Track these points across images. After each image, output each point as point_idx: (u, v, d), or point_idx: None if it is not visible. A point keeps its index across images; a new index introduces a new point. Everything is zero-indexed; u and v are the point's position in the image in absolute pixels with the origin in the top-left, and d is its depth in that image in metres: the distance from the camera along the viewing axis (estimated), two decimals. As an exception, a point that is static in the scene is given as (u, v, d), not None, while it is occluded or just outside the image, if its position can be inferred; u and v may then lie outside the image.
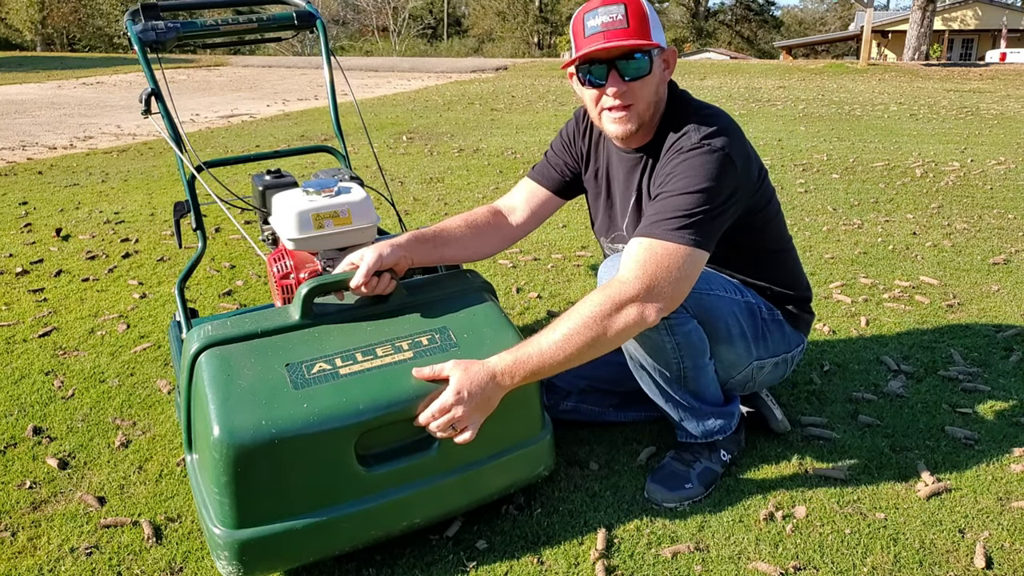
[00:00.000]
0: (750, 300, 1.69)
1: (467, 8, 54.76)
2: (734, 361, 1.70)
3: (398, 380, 1.41)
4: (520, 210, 1.83)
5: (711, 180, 1.46)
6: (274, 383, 1.36)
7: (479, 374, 1.38)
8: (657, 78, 1.55)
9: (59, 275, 3.21)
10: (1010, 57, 24.37)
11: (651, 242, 1.44)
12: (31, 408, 2.12)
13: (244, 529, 1.32)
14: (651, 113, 1.58)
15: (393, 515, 1.43)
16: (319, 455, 1.34)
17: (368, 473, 1.39)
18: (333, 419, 1.34)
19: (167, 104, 1.90)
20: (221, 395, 1.33)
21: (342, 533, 1.39)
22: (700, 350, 1.61)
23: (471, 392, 1.37)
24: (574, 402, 1.93)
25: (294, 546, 1.35)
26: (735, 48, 46.35)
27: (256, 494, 1.32)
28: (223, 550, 1.33)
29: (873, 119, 7.78)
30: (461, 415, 1.37)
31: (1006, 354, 2.35)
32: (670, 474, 1.70)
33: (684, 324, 1.56)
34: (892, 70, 14.94)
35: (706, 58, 28.50)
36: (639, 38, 1.48)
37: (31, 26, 37.24)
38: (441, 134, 7.02)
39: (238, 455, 1.28)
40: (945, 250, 3.38)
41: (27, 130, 7.48)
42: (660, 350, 1.58)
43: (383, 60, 20.80)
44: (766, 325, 1.71)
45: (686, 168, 1.49)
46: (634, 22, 1.48)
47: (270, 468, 1.31)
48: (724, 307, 1.63)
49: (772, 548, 1.52)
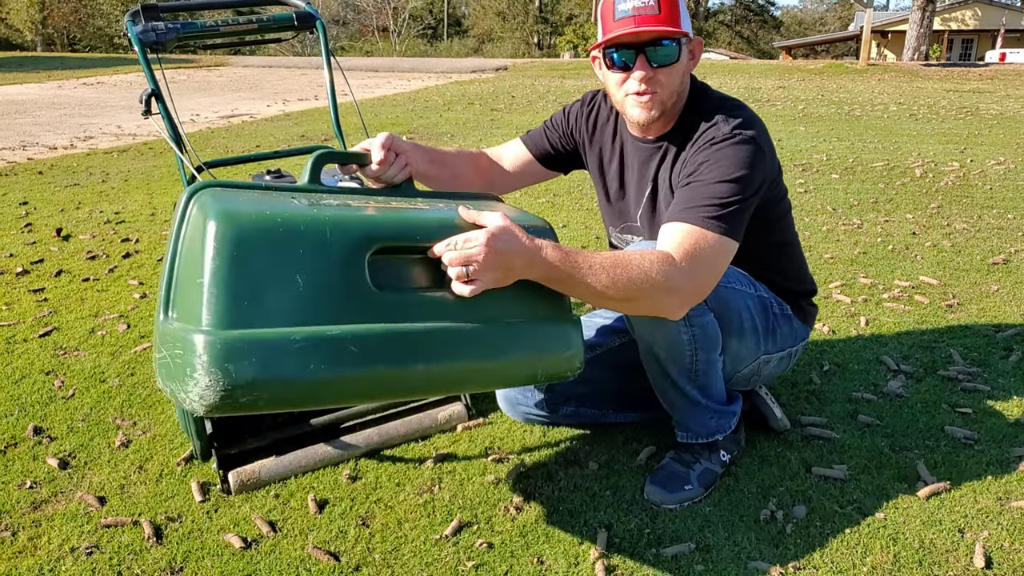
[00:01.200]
0: (762, 294, 1.69)
1: (467, 8, 54.77)
2: (744, 355, 1.69)
3: (418, 214, 1.32)
4: (505, 163, 1.86)
5: (745, 168, 1.46)
6: (282, 200, 1.23)
7: (519, 238, 1.26)
8: (684, 67, 1.56)
9: (59, 275, 3.21)
10: (1010, 57, 24.38)
11: (690, 228, 1.41)
12: (31, 408, 2.12)
13: (234, 330, 1.08)
14: (673, 101, 1.58)
15: (402, 351, 1.21)
16: (328, 258, 1.17)
17: (380, 294, 1.21)
18: (346, 223, 1.20)
19: (167, 104, 1.91)
20: (219, 205, 1.16)
21: (344, 361, 1.15)
22: (714, 343, 1.60)
23: (500, 247, 1.23)
24: (574, 406, 1.93)
25: (289, 364, 1.11)
26: (735, 48, 46.36)
27: (253, 288, 1.11)
28: (202, 354, 1.06)
29: (873, 119, 7.78)
30: (480, 259, 1.22)
31: (1006, 354, 2.35)
32: (669, 475, 1.70)
33: (702, 316, 1.55)
34: (892, 70, 14.94)
35: (706, 58, 28.48)
36: (670, 25, 1.48)
37: (31, 26, 37.25)
38: (441, 134, 7.02)
39: (237, 236, 1.11)
40: (945, 250, 3.38)
41: (27, 130, 7.48)
42: (676, 340, 1.56)
43: (383, 60, 20.81)
44: (776, 320, 1.72)
45: (720, 157, 1.48)
46: (665, 9, 1.48)
47: (271, 261, 1.13)
48: (739, 300, 1.63)
49: (772, 548, 1.53)
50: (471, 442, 1.91)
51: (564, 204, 4.25)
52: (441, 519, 1.63)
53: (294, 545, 1.55)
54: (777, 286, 1.74)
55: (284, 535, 1.58)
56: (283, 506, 1.68)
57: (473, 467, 1.81)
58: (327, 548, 1.54)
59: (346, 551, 1.53)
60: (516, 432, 1.94)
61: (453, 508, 1.66)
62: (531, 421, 1.95)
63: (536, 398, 1.89)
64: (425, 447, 1.89)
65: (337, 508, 1.66)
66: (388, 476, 1.78)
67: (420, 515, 1.64)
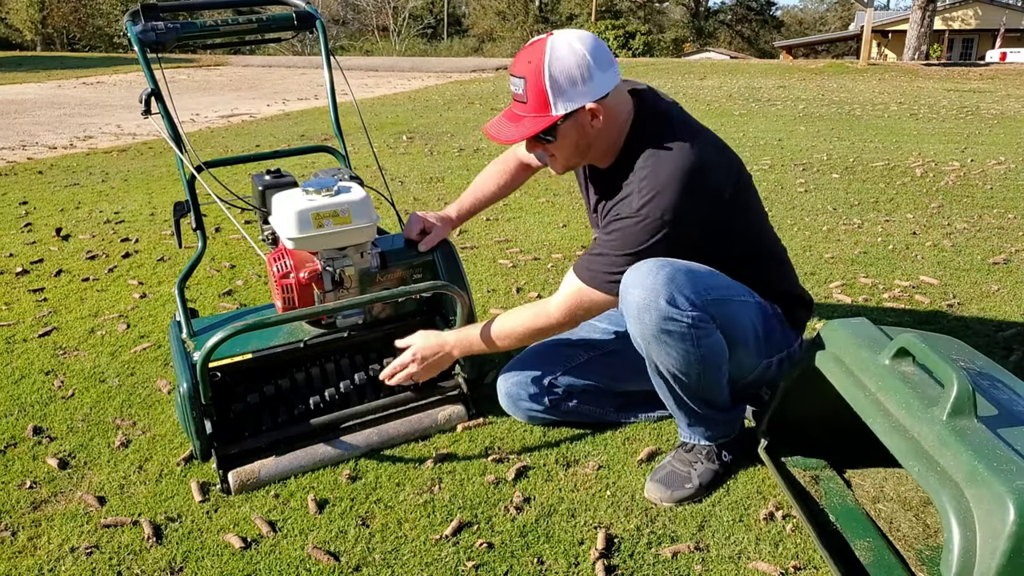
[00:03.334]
0: (759, 300, 1.68)
1: (467, 8, 54.76)
2: (749, 363, 1.69)
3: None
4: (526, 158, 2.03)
5: (641, 245, 1.54)
6: None
7: (433, 343, 1.79)
8: (571, 138, 1.57)
9: (59, 275, 3.21)
10: (1010, 57, 24.36)
11: (580, 287, 1.62)
12: (31, 408, 2.12)
13: None
14: (580, 157, 1.64)
15: None
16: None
17: None
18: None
19: (167, 104, 1.91)
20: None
21: None
22: (720, 360, 1.60)
23: (424, 355, 1.79)
24: (576, 403, 1.93)
25: None
26: (735, 48, 46.34)
27: None
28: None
29: (873, 119, 7.78)
30: (416, 372, 1.80)
31: (1006, 354, 2.35)
32: (670, 474, 1.70)
33: (710, 335, 1.54)
34: (892, 70, 14.93)
35: (706, 58, 28.51)
36: (537, 111, 1.52)
37: (31, 26, 37.24)
38: (441, 134, 7.02)
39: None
40: (945, 250, 3.38)
41: (27, 130, 7.48)
42: (684, 361, 1.56)
43: (383, 60, 20.80)
44: (771, 322, 1.71)
45: (621, 235, 1.56)
46: (531, 96, 1.52)
47: None
48: (744, 312, 1.63)
49: (772, 548, 1.53)
50: (471, 442, 1.91)
51: (564, 204, 4.25)
52: (441, 519, 1.63)
53: (294, 545, 1.55)
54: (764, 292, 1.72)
55: (284, 535, 1.58)
56: (283, 506, 1.68)
57: (473, 467, 1.81)
58: (327, 548, 1.54)
59: (346, 551, 1.53)
60: (516, 432, 1.94)
61: (453, 508, 1.66)
62: (533, 418, 1.95)
63: (538, 395, 1.89)
64: (425, 447, 1.89)
65: (337, 508, 1.66)
66: (388, 476, 1.78)
67: (420, 515, 1.64)
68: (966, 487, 1.10)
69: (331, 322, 1.96)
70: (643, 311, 1.50)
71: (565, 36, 1.51)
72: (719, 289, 1.56)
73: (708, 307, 1.52)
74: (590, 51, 1.49)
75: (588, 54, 1.49)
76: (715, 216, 1.59)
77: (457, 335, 1.80)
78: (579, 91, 1.50)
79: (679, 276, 1.50)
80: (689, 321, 1.49)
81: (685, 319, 1.49)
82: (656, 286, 1.48)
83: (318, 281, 1.84)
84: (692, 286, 1.50)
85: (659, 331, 1.51)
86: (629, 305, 1.52)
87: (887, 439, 1.26)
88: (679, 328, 1.50)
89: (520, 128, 1.54)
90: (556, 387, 1.91)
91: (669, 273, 1.49)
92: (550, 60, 1.48)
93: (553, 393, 1.91)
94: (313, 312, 1.74)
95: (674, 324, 1.49)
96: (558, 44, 1.49)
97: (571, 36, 1.51)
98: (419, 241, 2.01)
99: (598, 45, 1.51)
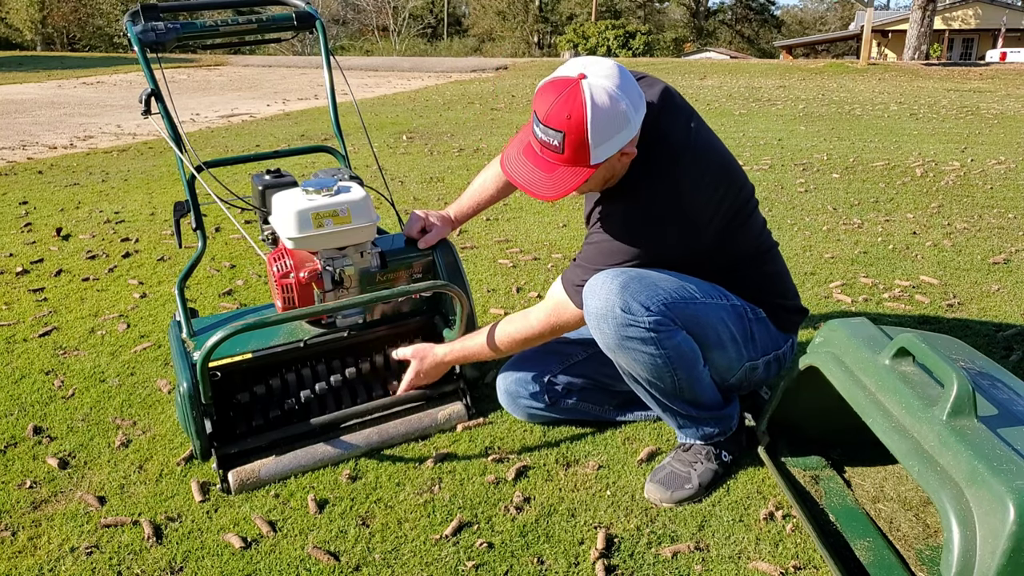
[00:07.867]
0: (735, 302, 1.68)
1: (467, 8, 54.76)
2: (728, 365, 1.69)
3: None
4: None
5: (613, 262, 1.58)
6: None
7: (431, 359, 1.94)
8: (600, 177, 1.56)
9: (59, 275, 3.21)
10: (1010, 56, 24.36)
11: (564, 301, 1.66)
12: (31, 408, 2.12)
13: None
14: (600, 187, 1.64)
15: None
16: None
17: None
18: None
19: (167, 104, 1.91)
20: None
21: None
22: (692, 360, 1.60)
23: (426, 371, 1.95)
24: (575, 399, 1.93)
25: None
26: (735, 48, 46.35)
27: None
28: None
29: (873, 118, 7.78)
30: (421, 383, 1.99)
31: (1006, 354, 2.35)
32: (670, 475, 1.70)
33: (672, 336, 1.55)
34: (892, 70, 14.94)
35: (706, 57, 28.52)
36: (575, 164, 1.47)
37: (31, 25, 37.25)
38: (441, 134, 7.02)
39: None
40: (945, 250, 3.38)
41: (27, 130, 7.48)
42: (651, 365, 1.57)
43: (383, 60, 20.81)
44: (752, 325, 1.70)
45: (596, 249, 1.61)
46: (570, 151, 1.44)
47: None
48: (713, 313, 1.62)
49: (772, 548, 1.53)
50: (471, 442, 1.91)
51: (564, 204, 4.25)
52: (441, 519, 1.63)
53: (294, 545, 1.55)
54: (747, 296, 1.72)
55: (284, 535, 1.58)
56: (283, 506, 1.68)
57: (473, 467, 1.81)
58: (327, 548, 1.54)
59: (346, 551, 1.53)
60: (516, 432, 1.94)
61: (453, 508, 1.66)
62: (532, 416, 1.95)
63: (537, 392, 1.89)
64: (425, 447, 1.89)
65: (337, 508, 1.66)
66: (388, 476, 1.78)
67: (420, 515, 1.64)
68: (966, 487, 1.10)
69: (331, 322, 1.96)
70: (601, 320, 1.54)
71: (599, 81, 1.42)
72: (678, 291, 1.57)
73: (667, 310, 1.53)
74: (626, 93, 1.43)
75: (625, 98, 1.43)
76: (695, 245, 1.62)
77: (446, 346, 1.93)
78: (618, 139, 1.46)
79: (632, 284, 1.52)
80: (647, 325, 1.51)
81: (642, 323, 1.51)
82: (610, 295, 1.52)
83: (318, 281, 1.85)
84: (647, 292, 1.52)
85: (621, 338, 1.54)
86: (589, 316, 1.57)
87: (887, 439, 1.26)
88: (639, 333, 1.52)
89: (557, 182, 1.48)
90: (555, 384, 1.91)
91: (623, 281, 1.52)
92: (592, 115, 1.40)
93: (552, 391, 1.91)
94: (313, 312, 1.74)
95: (633, 330, 1.52)
96: (597, 93, 1.40)
97: (604, 79, 1.42)
98: (419, 239, 2.01)
99: (627, 81, 1.45)
